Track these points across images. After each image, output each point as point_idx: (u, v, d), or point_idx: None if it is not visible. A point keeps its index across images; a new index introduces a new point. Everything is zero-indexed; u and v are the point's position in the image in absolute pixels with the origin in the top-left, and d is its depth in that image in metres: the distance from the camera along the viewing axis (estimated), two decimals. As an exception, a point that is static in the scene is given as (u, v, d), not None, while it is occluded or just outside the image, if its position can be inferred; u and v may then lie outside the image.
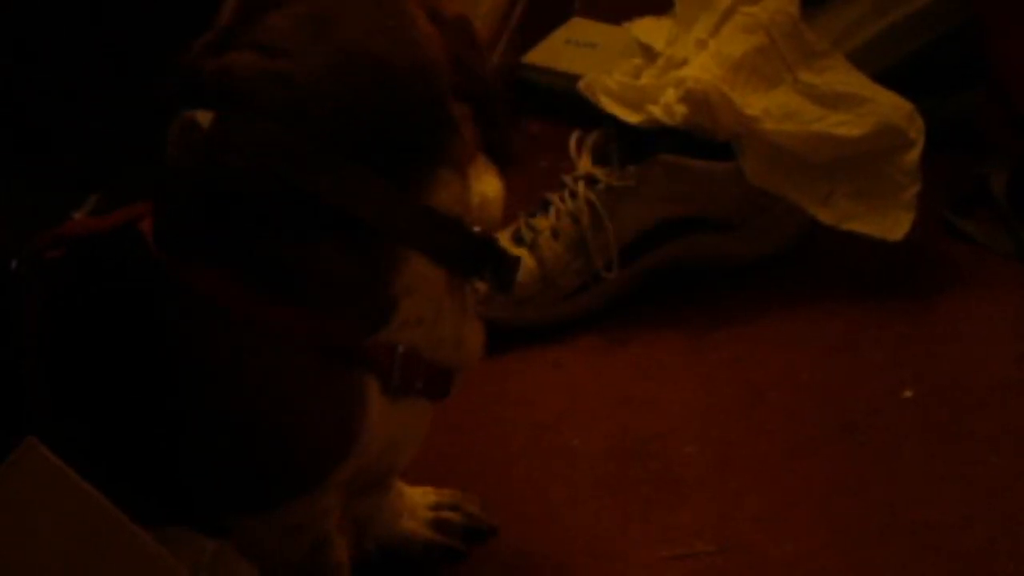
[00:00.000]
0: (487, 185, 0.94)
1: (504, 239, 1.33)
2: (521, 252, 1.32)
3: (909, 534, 1.11)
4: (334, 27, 0.87)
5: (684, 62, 1.40)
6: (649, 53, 1.46)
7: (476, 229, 0.92)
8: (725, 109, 1.34)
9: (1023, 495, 1.12)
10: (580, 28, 1.75)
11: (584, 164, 1.41)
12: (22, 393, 0.90)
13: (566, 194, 1.39)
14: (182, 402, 0.88)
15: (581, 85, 1.43)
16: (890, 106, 1.35)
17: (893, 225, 1.34)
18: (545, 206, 1.40)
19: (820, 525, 1.13)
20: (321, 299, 0.87)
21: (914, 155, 1.34)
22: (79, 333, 0.91)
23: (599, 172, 1.39)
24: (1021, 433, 1.18)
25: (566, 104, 1.53)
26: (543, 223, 1.38)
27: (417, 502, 1.16)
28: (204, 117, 0.87)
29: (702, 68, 1.37)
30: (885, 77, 1.40)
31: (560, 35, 1.74)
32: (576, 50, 1.71)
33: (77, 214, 1.00)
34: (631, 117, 1.38)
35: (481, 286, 0.98)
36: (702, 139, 1.37)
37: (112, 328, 0.89)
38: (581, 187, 1.38)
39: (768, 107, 1.36)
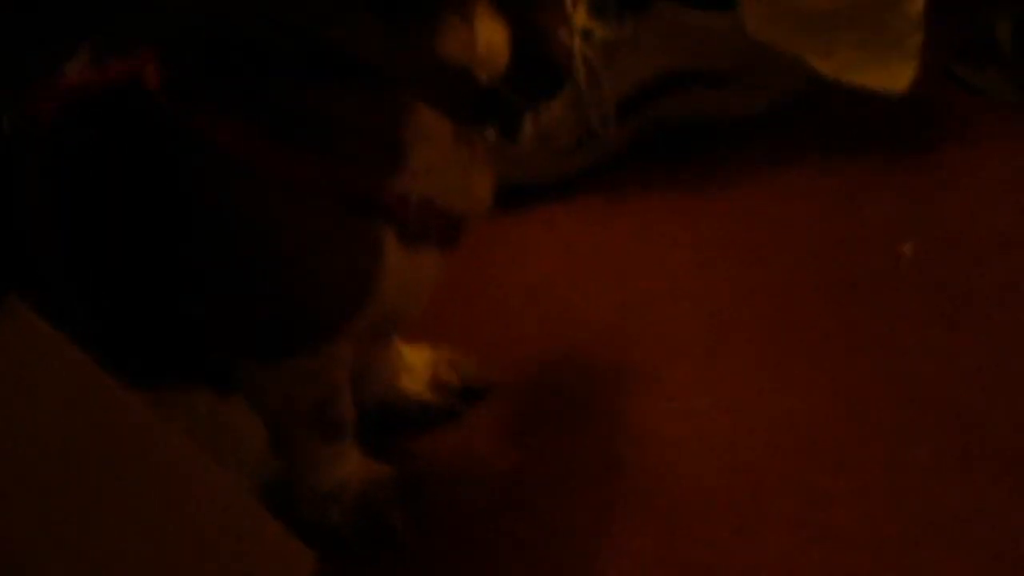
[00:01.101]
0: (493, 32, 0.92)
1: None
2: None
3: (908, 388, 1.11)
4: None
5: (683, -91, 1.36)
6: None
7: (483, 77, 0.90)
8: (724, -43, 1.30)
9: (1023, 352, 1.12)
10: None
11: (580, 17, 1.37)
12: (22, 260, 0.90)
13: (561, 48, 1.36)
14: (202, 251, 0.88)
15: (576, -65, 1.39)
16: (895, -48, 1.31)
17: (896, 76, 1.31)
18: (539, 61, 1.37)
19: (817, 381, 1.13)
20: (334, 146, 0.86)
21: (918, 4, 1.30)
22: (87, 190, 0.90)
23: (595, 25, 1.36)
24: (1021, 289, 1.17)
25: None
26: (537, 78, 1.36)
27: (414, 361, 1.16)
28: None
29: (702, -85, 1.33)
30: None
31: None
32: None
33: (70, 65, 0.97)
34: (628, -33, 1.34)
35: (489, 135, 0.97)
36: (700, -11, 1.34)
37: (124, 180, 0.88)
38: (577, 41, 1.35)
39: (769, -46, 1.32)
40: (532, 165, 1.35)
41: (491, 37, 0.91)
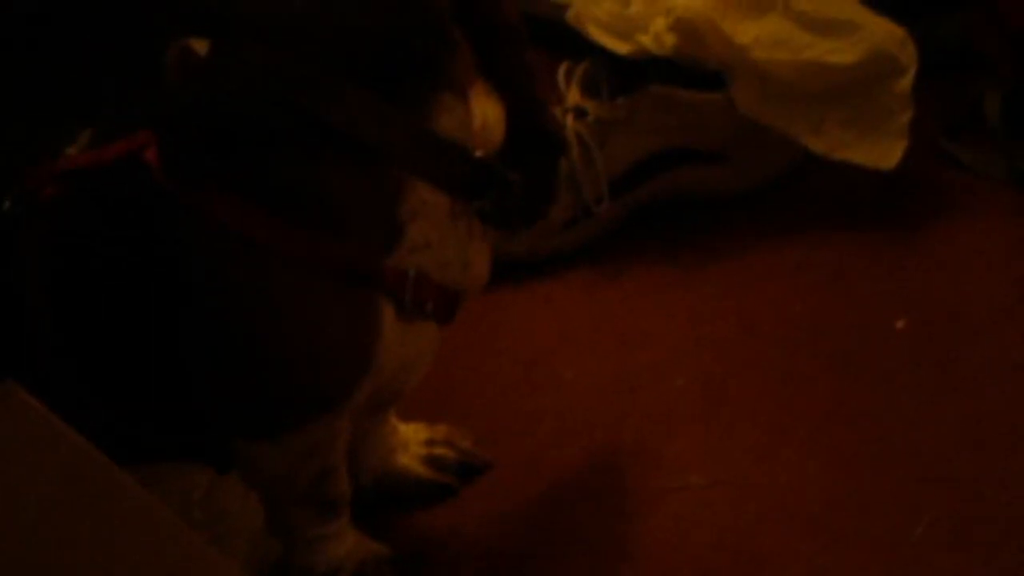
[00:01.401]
0: (489, 108, 0.93)
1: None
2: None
3: (901, 464, 1.11)
4: None
5: (673, -10, 1.38)
6: (638, -19, 1.44)
7: (478, 153, 0.91)
8: (715, 38, 1.32)
9: (1016, 424, 1.12)
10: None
11: (573, 96, 1.39)
12: (20, 338, 0.90)
13: (555, 127, 1.37)
14: (202, 327, 0.88)
15: (569, 15, 1.41)
16: (882, 32, 1.33)
17: (885, 153, 1.33)
18: (534, 139, 1.38)
19: (812, 456, 1.13)
20: (332, 222, 0.87)
21: (906, 81, 1.32)
22: (85, 268, 0.90)
23: (588, 104, 1.37)
24: (1014, 362, 1.17)
25: (554, 35, 1.50)
26: (532, 156, 1.37)
27: (410, 438, 1.16)
28: (200, 45, 0.86)
29: (691, -4, 1.35)
30: (876, 1, 1.38)
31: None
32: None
33: (71, 150, 0.99)
34: (620, 47, 1.36)
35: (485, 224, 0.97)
36: (692, 69, 1.35)
37: (123, 259, 0.89)
38: (570, 120, 1.37)
39: (759, 35, 1.33)
40: (527, 241, 1.36)
41: (487, 113, 0.92)
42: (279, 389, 0.90)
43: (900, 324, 1.25)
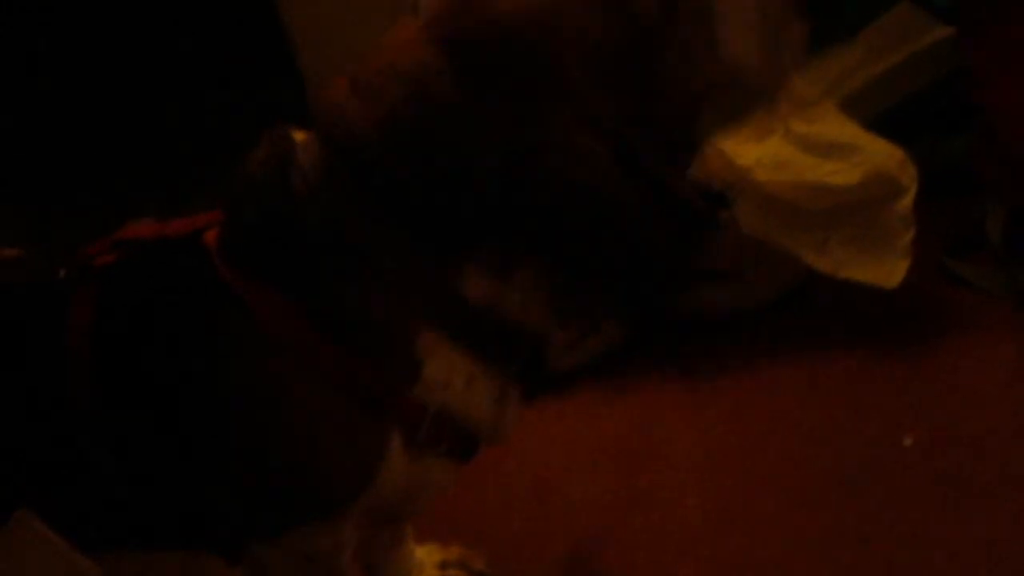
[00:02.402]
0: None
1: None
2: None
3: (914, 581, 1.11)
4: None
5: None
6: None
7: (512, 320, 0.90)
8: (717, 160, 1.35)
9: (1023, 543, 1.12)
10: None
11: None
12: (63, 403, 0.91)
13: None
14: (220, 418, 0.89)
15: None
16: (882, 154, 1.36)
17: (889, 272, 1.35)
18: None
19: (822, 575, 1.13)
20: (359, 346, 0.88)
21: (907, 202, 1.34)
22: (127, 340, 0.91)
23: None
24: (1021, 480, 1.17)
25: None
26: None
27: (424, 560, 1.16)
28: (298, 137, 0.88)
29: (694, 120, 1.38)
30: (877, 123, 1.41)
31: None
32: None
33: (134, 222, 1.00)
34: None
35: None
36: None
37: (163, 335, 0.90)
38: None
39: (760, 157, 1.36)
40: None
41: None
42: (279, 491, 0.91)
43: (908, 441, 1.25)
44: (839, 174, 1.35)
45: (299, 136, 0.90)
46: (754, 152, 1.37)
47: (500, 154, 0.83)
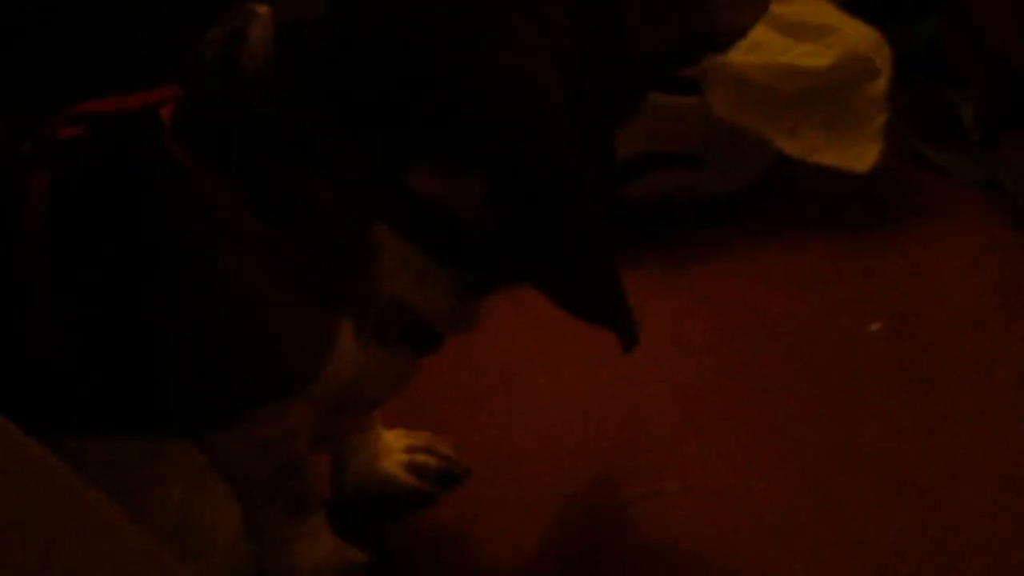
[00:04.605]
0: None
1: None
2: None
3: (876, 468, 1.12)
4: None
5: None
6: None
7: (464, 219, 0.88)
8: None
9: (987, 429, 1.12)
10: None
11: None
12: (19, 274, 0.91)
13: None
14: (169, 297, 0.89)
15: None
16: (857, 35, 1.33)
17: (860, 156, 1.33)
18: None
19: (787, 462, 1.14)
20: (310, 234, 0.88)
21: (881, 84, 1.32)
22: (80, 215, 0.91)
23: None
24: (985, 366, 1.18)
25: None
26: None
27: (392, 444, 1.17)
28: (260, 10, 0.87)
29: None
30: (853, 4, 1.38)
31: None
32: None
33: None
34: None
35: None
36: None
37: (112, 213, 0.90)
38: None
39: (734, 39, 1.34)
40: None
41: None
42: (222, 374, 0.91)
43: (875, 327, 1.25)
44: (813, 56, 1.33)
45: (262, 9, 0.87)
46: (727, 34, 1.34)
47: (459, 60, 0.81)
